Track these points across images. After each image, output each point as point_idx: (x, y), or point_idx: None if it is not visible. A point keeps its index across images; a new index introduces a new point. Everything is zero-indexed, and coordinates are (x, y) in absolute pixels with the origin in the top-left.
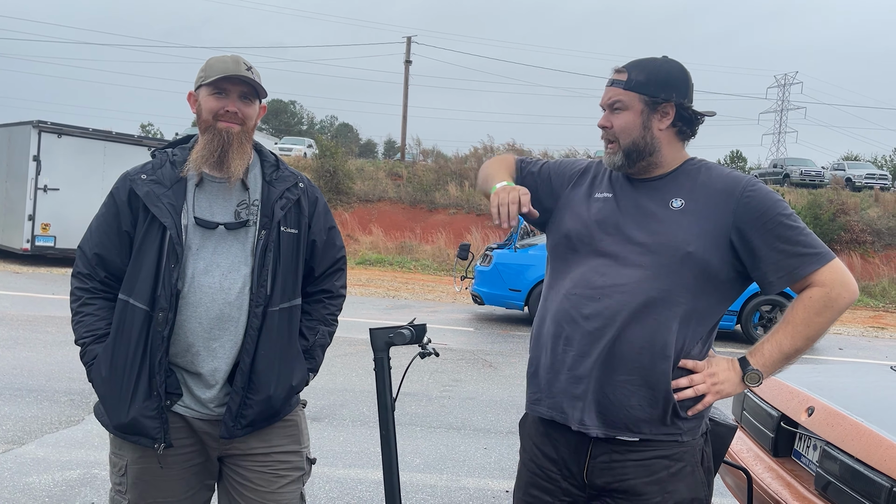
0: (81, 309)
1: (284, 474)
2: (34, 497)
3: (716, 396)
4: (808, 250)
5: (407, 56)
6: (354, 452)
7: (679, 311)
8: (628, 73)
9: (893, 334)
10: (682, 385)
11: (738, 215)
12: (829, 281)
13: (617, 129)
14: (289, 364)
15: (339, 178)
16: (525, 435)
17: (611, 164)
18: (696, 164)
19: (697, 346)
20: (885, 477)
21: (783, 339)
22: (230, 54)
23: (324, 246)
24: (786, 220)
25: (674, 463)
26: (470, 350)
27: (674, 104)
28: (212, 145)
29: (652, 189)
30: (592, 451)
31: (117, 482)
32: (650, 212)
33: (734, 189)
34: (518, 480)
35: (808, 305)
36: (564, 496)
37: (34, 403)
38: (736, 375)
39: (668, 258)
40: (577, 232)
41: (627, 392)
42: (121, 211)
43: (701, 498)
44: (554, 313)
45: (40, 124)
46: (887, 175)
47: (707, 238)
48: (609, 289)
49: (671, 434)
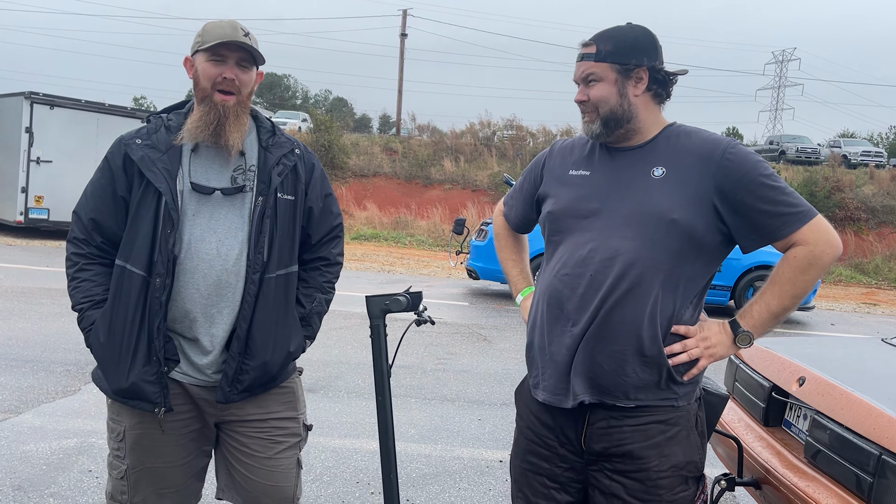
0: (78, 275)
1: (281, 440)
2: (32, 465)
3: (709, 360)
4: (789, 209)
5: (402, 29)
6: (350, 423)
7: (667, 278)
8: (596, 45)
9: (885, 310)
10: (675, 350)
11: (718, 179)
12: (813, 239)
13: (594, 100)
14: (285, 331)
15: (333, 153)
16: (521, 403)
17: (590, 133)
18: (675, 130)
19: (688, 311)
20: (873, 445)
21: (771, 299)
22: (227, 20)
23: (320, 213)
24: (766, 181)
25: (670, 427)
26: (465, 324)
27: (646, 68)
28: (208, 118)
29: (632, 159)
30: (590, 417)
31: (115, 447)
32: (632, 182)
33: (713, 152)
34: (515, 447)
35: (793, 264)
36: (562, 462)
37: (30, 374)
38: (728, 338)
39: (653, 227)
40: (559, 212)
41: (621, 361)
42: (116, 176)
43: (696, 461)
44: (544, 293)
45: (32, 95)
46: (883, 153)
47: (690, 204)
48: (596, 262)
49: (667, 399)
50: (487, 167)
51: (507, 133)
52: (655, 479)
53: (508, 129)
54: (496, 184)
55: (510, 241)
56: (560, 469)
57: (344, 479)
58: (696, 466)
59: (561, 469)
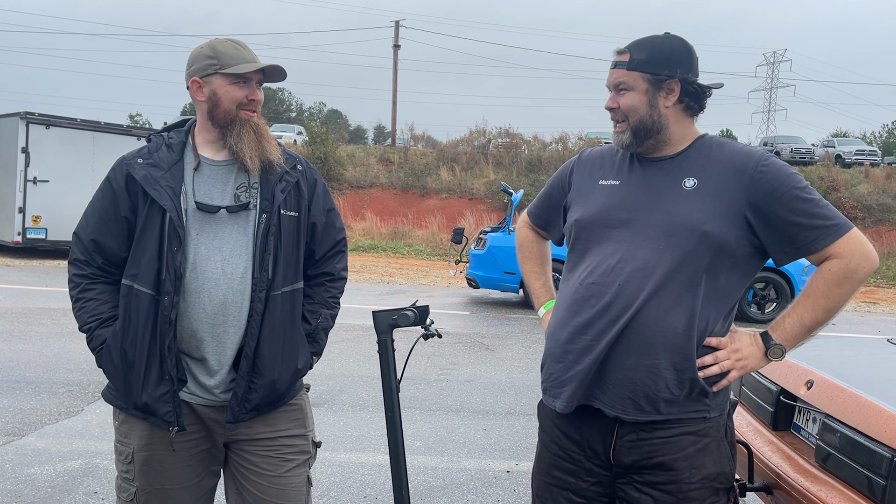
0: (82, 295)
1: (291, 458)
2: (36, 488)
3: (740, 372)
4: (824, 222)
5: (395, 40)
6: (355, 437)
7: (700, 291)
8: (630, 54)
9: (885, 309)
10: (706, 363)
11: (751, 191)
12: (848, 252)
13: (624, 108)
14: (293, 348)
15: (330, 165)
16: (544, 416)
17: (620, 143)
18: (706, 142)
19: (720, 324)
20: (885, 447)
21: (804, 312)
22: (233, 40)
23: (324, 228)
24: (800, 193)
25: (700, 439)
26: (466, 333)
27: (678, 80)
28: (249, 135)
29: (663, 170)
30: (619, 430)
31: (124, 469)
32: (663, 193)
33: (747, 165)
34: (538, 462)
35: (827, 277)
36: (589, 476)
37: (33, 395)
38: (759, 350)
39: (685, 239)
40: (587, 220)
41: (653, 375)
42: (118, 196)
43: (726, 472)
44: (569, 303)
45: (28, 115)
46: (877, 151)
47: (722, 216)
48: (626, 274)
49: (699, 411)
50: (484, 175)
51: (502, 141)
52: (686, 492)
53: (503, 138)
54: (493, 192)
55: (534, 252)
56: (587, 483)
57: (351, 493)
58: (726, 477)
59: (587, 483)
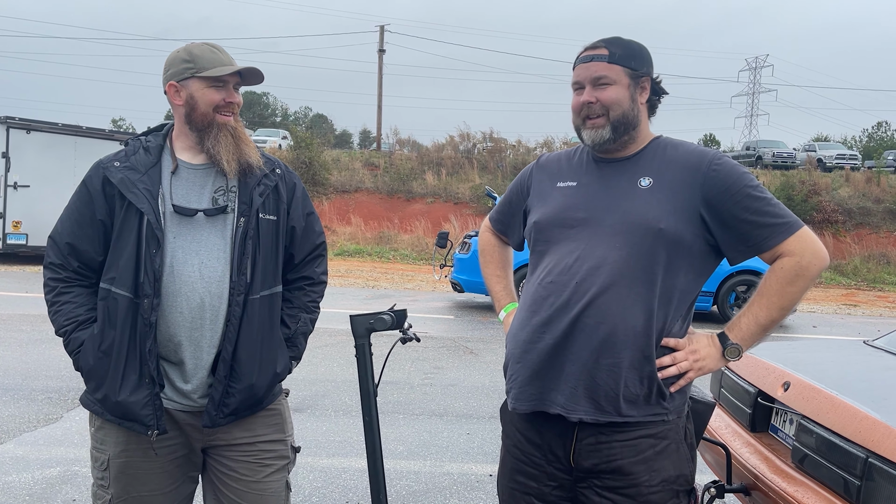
0: (58, 298)
1: (269, 463)
2: (14, 496)
3: (698, 373)
4: (775, 220)
5: (380, 45)
6: (337, 442)
7: (656, 289)
8: (608, 48)
9: (865, 311)
10: (664, 364)
11: (705, 190)
12: (799, 250)
13: (606, 102)
14: (271, 352)
15: (315, 170)
16: (507, 421)
17: (597, 138)
18: (662, 142)
19: (678, 324)
20: (860, 448)
21: (759, 311)
22: (210, 44)
23: (303, 232)
24: (752, 192)
25: (659, 441)
26: (451, 337)
27: (650, 78)
28: (227, 139)
29: (619, 170)
30: (578, 434)
31: (99, 476)
32: (619, 192)
33: (700, 164)
34: (502, 467)
35: (780, 276)
36: (550, 480)
37: (11, 402)
38: (716, 351)
39: (641, 236)
40: (545, 222)
41: (613, 375)
42: (94, 199)
43: (686, 474)
44: (529, 303)
45: (8, 120)
46: (857, 155)
47: (678, 214)
48: (584, 271)
49: (657, 414)
50: (469, 180)
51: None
52: (646, 495)
53: (488, 142)
54: (478, 196)
55: (495, 256)
56: (549, 488)
57: (333, 499)
58: (686, 480)
59: (549, 487)
